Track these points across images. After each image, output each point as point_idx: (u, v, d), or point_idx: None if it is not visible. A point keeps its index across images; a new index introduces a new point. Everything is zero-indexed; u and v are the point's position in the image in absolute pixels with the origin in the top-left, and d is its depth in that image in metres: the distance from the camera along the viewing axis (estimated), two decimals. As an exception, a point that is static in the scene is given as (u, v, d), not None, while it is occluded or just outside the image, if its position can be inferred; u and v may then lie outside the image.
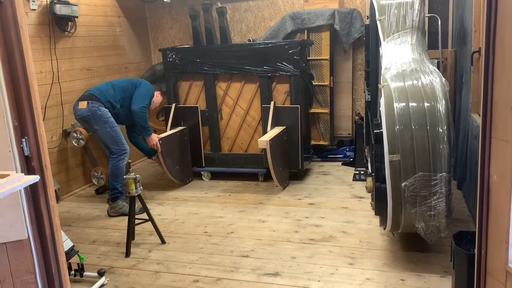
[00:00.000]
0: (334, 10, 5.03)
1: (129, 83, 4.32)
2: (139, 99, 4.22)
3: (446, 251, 3.01)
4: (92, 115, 4.01)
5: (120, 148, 4.11)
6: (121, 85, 4.27)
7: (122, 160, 4.10)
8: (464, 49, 4.01)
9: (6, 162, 1.91)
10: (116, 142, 4.09)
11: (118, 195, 4.12)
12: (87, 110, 4.01)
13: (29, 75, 1.95)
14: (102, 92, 4.14)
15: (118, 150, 4.09)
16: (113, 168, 4.09)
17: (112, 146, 4.09)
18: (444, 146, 2.59)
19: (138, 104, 4.20)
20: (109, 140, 4.08)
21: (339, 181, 4.71)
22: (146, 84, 4.36)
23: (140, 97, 4.24)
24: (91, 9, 5.10)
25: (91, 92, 4.15)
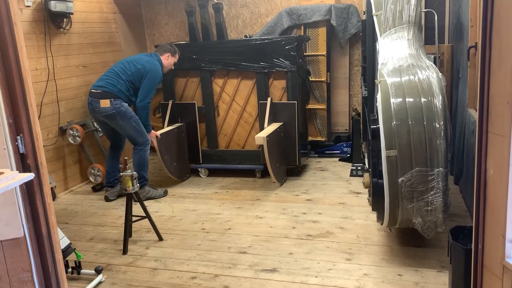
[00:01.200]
0: (331, 5, 5.02)
1: (137, 74, 4.22)
2: (143, 94, 4.21)
3: (443, 246, 3.02)
4: (117, 112, 4.10)
5: (144, 139, 4.28)
6: (130, 78, 4.20)
7: (147, 150, 4.31)
8: (460, 44, 4.01)
9: (1, 160, 1.89)
10: (141, 134, 4.25)
11: (145, 183, 4.36)
12: (111, 108, 4.08)
13: (23, 72, 1.94)
14: (119, 89, 4.13)
15: (143, 141, 4.27)
16: (139, 159, 4.28)
17: (137, 139, 4.26)
18: (441, 141, 2.59)
19: (143, 100, 4.22)
20: (134, 133, 4.23)
21: (336, 177, 4.71)
22: (152, 75, 4.24)
23: (145, 91, 4.21)
24: (86, 5, 5.07)
25: (108, 90, 4.12)
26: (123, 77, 4.18)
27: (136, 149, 4.29)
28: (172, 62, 4.49)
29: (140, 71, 4.22)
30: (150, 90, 4.24)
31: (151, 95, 4.27)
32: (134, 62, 4.27)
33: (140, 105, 4.21)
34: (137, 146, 4.29)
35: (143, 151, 4.29)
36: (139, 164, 4.30)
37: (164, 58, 4.41)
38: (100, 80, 4.23)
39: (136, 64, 4.24)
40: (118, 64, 4.30)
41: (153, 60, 4.32)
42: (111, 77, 4.19)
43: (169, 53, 4.44)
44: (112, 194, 4.46)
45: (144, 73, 4.22)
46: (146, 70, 4.23)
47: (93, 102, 4.14)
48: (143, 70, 4.23)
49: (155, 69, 4.26)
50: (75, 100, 4.91)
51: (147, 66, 4.23)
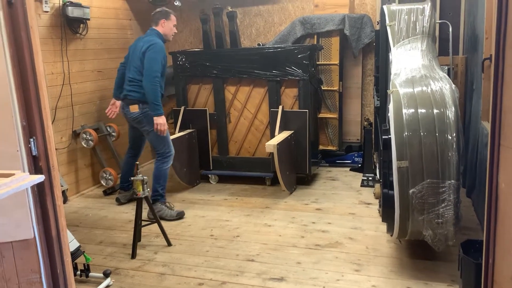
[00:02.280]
0: (344, 15, 5.02)
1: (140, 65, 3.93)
2: (148, 69, 3.84)
3: (454, 260, 2.97)
4: (144, 116, 3.99)
5: (166, 150, 4.06)
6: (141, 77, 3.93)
7: (167, 163, 4.07)
8: (475, 56, 3.98)
9: (14, 162, 1.92)
10: (164, 143, 4.05)
11: (158, 198, 4.06)
12: (139, 113, 3.99)
13: (38, 75, 1.97)
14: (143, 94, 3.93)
15: (163, 152, 4.05)
16: (157, 170, 4.05)
17: (158, 147, 4.06)
18: (453, 153, 2.56)
19: (149, 74, 3.84)
20: (156, 141, 4.04)
21: (346, 187, 4.68)
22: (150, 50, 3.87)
23: (146, 67, 3.86)
24: (102, 11, 5.15)
25: (135, 97, 3.98)
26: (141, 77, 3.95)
27: (157, 160, 4.10)
28: (172, 26, 4.12)
29: (142, 59, 3.93)
30: (151, 66, 3.84)
31: (155, 68, 3.85)
32: (138, 54, 3.95)
33: (146, 84, 3.84)
34: (158, 156, 4.08)
35: (161, 163, 4.05)
36: (155, 175, 4.06)
37: (160, 26, 4.05)
38: (127, 85, 4.06)
39: (141, 56, 3.93)
40: (130, 66, 4.05)
41: (149, 37, 3.99)
42: (134, 80, 3.99)
43: (163, 18, 4.07)
44: (124, 197, 4.45)
45: (142, 57, 3.93)
46: (142, 52, 3.92)
47: (124, 106, 4.08)
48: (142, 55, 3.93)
49: (153, 45, 3.90)
50: (89, 104, 4.98)
51: (145, 46, 3.92)
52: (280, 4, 5.70)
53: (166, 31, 4.09)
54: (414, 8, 3.48)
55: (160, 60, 3.90)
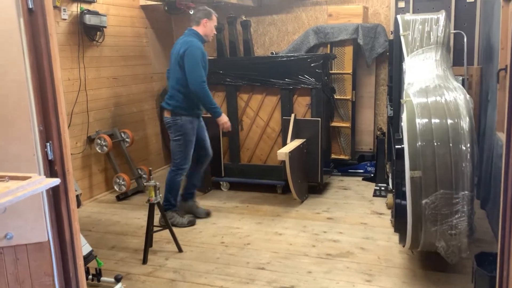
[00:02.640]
0: (358, 25, 5.03)
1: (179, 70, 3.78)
2: (191, 74, 3.69)
3: (468, 272, 2.93)
4: (173, 124, 3.87)
5: (182, 162, 3.91)
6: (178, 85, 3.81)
7: (180, 175, 3.97)
8: (490, 67, 3.94)
9: (30, 165, 1.96)
10: (181, 156, 3.90)
11: (169, 207, 4.01)
12: (170, 119, 3.88)
13: (56, 81, 2.02)
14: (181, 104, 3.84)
15: (179, 163, 3.92)
16: (169, 181, 3.98)
17: (175, 158, 3.93)
18: (467, 164, 2.54)
19: (193, 80, 3.70)
20: (175, 152, 3.92)
21: (359, 197, 4.65)
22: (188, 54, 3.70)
23: (188, 72, 3.71)
24: (119, 19, 5.24)
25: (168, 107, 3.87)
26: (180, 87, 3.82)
27: (171, 170, 3.99)
28: (213, 26, 3.92)
29: (180, 64, 3.76)
30: (194, 70, 3.69)
31: (198, 73, 3.70)
32: (176, 57, 3.79)
33: (194, 88, 3.70)
34: (173, 166, 3.97)
35: (175, 174, 3.94)
36: (168, 185, 3.99)
37: (202, 26, 3.85)
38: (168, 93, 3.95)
39: (179, 59, 3.76)
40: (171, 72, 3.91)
41: (187, 38, 3.82)
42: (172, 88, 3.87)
43: (205, 18, 3.85)
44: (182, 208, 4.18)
45: (181, 61, 3.76)
46: (180, 54, 3.75)
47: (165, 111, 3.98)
48: (177, 57, 3.77)
49: (189, 47, 3.72)
50: (104, 110, 5.04)
51: (182, 49, 3.76)
52: (293, 14, 5.73)
53: (207, 32, 3.90)
54: (428, 18, 3.47)
55: (200, 61, 3.73)
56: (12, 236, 2.00)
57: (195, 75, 3.70)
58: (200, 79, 3.71)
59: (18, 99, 1.93)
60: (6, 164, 1.94)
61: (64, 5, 4.44)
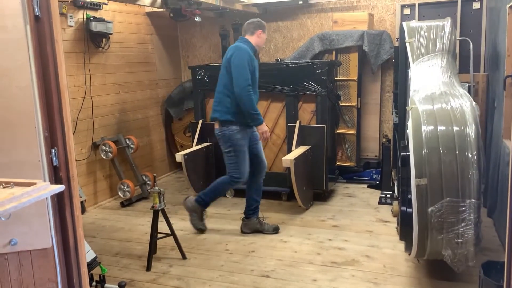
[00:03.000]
0: (363, 31, 5.03)
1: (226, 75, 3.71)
2: (237, 76, 3.60)
3: (474, 281, 2.89)
4: (222, 135, 3.79)
5: (235, 175, 3.81)
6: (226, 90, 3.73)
7: (231, 184, 3.89)
8: (496, 74, 3.93)
9: (35, 171, 1.96)
10: (235, 168, 3.80)
11: (200, 203, 3.95)
12: (218, 130, 3.80)
13: (61, 87, 2.02)
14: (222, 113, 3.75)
15: (233, 177, 3.82)
16: (219, 186, 3.90)
17: (230, 170, 3.84)
18: (474, 172, 2.52)
19: (239, 82, 3.59)
20: (227, 164, 3.86)
21: (364, 204, 4.62)
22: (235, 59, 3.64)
23: (237, 72, 3.61)
24: (125, 26, 5.27)
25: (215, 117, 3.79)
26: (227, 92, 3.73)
27: (226, 176, 3.87)
28: (264, 39, 3.89)
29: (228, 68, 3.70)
30: (240, 73, 3.60)
31: (244, 76, 3.59)
32: (224, 63, 3.74)
33: (237, 92, 3.60)
34: (228, 174, 3.87)
35: (227, 181, 3.85)
36: (214, 188, 3.91)
37: (256, 36, 3.80)
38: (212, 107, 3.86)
39: (226, 64, 3.71)
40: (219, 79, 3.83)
41: (237, 46, 3.76)
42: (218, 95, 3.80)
43: (260, 29, 3.82)
44: (245, 226, 4.01)
45: (228, 66, 3.70)
46: (227, 59, 3.71)
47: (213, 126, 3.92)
48: (226, 63, 3.72)
49: (237, 50, 3.68)
50: (109, 116, 5.06)
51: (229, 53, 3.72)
52: (299, 20, 5.74)
53: (259, 43, 3.86)
54: (434, 25, 3.47)
55: (247, 66, 3.63)
56: (17, 242, 2.00)
57: (241, 78, 3.60)
58: (245, 82, 3.60)
59: (23, 105, 1.93)
60: (11, 170, 1.94)
61: (71, 12, 4.47)
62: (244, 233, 3.97)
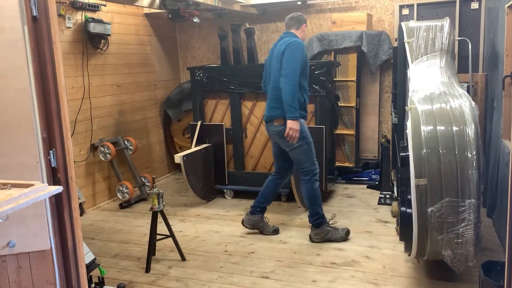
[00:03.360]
0: (362, 32, 5.03)
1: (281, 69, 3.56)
2: (287, 66, 3.50)
3: (474, 282, 2.89)
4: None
5: (312, 167, 3.68)
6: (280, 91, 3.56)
7: (316, 181, 3.71)
8: (495, 73, 3.93)
9: (33, 173, 1.95)
10: (309, 160, 3.68)
11: (321, 220, 3.71)
12: (281, 126, 3.61)
13: (59, 89, 2.01)
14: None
15: (310, 170, 3.68)
16: (309, 192, 3.70)
17: (304, 165, 3.68)
18: (473, 172, 2.51)
19: (287, 72, 3.48)
20: (302, 157, 3.67)
21: (363, 205, 4.62)
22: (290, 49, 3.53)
23: (288, 62, 3.50)
24: (123, 27, 5.27)
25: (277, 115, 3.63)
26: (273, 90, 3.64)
27: (304, 180, 3.71)
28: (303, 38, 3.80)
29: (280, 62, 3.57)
30: (290, 64, 3.49)
31: (293, 67, 3.48)
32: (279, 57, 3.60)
33: (283, 81, 3.49)
34: (305, 175, 3.70)
35: (311, 183, 3.68)
36: (309, 197, 3.70)
37: (301, 30, 3.75)
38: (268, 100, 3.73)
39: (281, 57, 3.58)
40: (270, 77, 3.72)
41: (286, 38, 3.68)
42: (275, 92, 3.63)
43: (304, 23, 3.79)
44: (248, 221, 3.94)
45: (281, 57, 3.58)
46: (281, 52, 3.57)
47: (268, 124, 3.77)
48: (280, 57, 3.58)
49: (292, 42, 3.58)
50: (108, 118, 5.05)
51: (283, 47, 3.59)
52: (297, 21, 5.73)
53: (303, 36, 3.79)
54: (432, 25, 3.47)
55: (299, 58, 3.53)
56: (15, 244, 1.99)
57: (290, 69, 3.48)
58: (293, 72, 3.47)
59: (21, 107, 1.93)
60: (9, 171, 1.93)
61: (69, 13, 4.47)
62: (244, 227, 3.93)
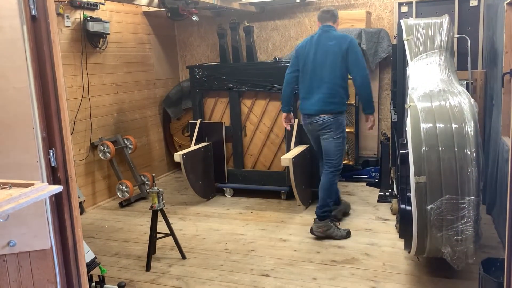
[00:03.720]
0: (361, 29, 5.03)
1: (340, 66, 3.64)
2: (360, 66, 3.61)
3: (474, 278, 2.89)
4: (335, 121, 3.69)
5: (339, 162, 3.76)
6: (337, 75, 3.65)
7: (337, 177, 3.79)
8: (494, 71, 3.93)
9: (33, 172, 1.96)
10: (340, 155, 3.75)
11: (328, 214, 3.74)
12: (331, 117, 3.68)
13: (59, 88, 2.01)
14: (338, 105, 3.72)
15: (337, 164, 3.74)
16: (330, 184, 3.74)
17: (334, 158, 3.73)
18: (473, 169, 2.52)
19: (362, 72, 3.61)
20: (335, 150, 3.72)
21: (363, 202, 4.62)
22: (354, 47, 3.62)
23: (359, 62, 3.62)
24: (122, 26, 5.26)
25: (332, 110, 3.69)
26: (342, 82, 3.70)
27: (328, 171, 3.75)
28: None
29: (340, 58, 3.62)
30: (362, 62, 3.65)
31: (364, 65, 3.66)
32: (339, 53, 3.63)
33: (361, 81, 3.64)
34: (330, 167, 3.75)
35: (333, 175, 3.74)
36: (326, 188, 3.74)
37: (337, 24, 3.83)
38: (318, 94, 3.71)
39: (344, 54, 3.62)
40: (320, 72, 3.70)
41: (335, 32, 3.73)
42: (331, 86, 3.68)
43: (339, 18, 3.87)
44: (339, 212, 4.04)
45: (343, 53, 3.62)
46: (345, 49, 3.61)
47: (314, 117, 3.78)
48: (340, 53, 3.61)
49: (351, 40, 3.66)
50: (107, 117, 5.05)
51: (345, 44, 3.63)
52: (296, 19, 5.73)
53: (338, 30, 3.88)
54: (431, 23, 3.47)
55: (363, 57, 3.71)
56: (15, 244, 1.99)
57: (363, 66, 3.64)
58: (366, 70, 3.65)
59: (21, 106, 1.93)
60: (9, 171, 1.93)
61: (68, 12, 4.46)
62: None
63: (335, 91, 3.68)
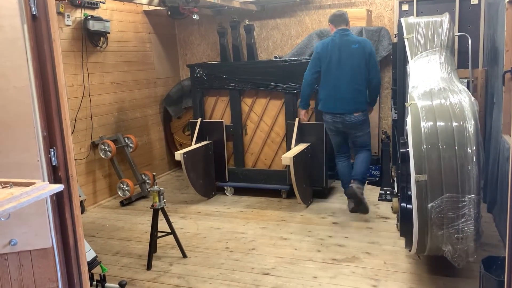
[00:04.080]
0: (362, 28, 5.02)
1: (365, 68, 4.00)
2: (377, 70, 4.11)
3: (475, 277, 2.90)
4: (366, 119, 4.18)
5: (370, 145, 4.35)
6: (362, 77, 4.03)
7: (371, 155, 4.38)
8: (495, 69, 3.92)
9: (34, 171, 1.96)
10: (369, 142, 4.32)
11: (366, 181, 4.32)
12: (363, 116, 4.12)
13: (59, 87, 2.02)
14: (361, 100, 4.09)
15: (370, 147, 4.33)
16: (369, 158, 4.27)
17: (367, 144, 4.29)
18: (473, 167, 2.52)
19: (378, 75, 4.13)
20: (366, 141, 4.26)
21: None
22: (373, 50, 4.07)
23: (376, 66, 4.11)
24: (122, 25, 5.26)
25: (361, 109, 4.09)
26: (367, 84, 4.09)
27: (368, 150, 4.29)
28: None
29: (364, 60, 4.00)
30: (377, 66, 4.16)
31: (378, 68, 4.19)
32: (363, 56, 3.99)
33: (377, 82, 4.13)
34: (366, 150, 4.29)
35: (370, 153, 4.32)
36: (367, 161, 4.24)
37: (349, 27, 4.15)
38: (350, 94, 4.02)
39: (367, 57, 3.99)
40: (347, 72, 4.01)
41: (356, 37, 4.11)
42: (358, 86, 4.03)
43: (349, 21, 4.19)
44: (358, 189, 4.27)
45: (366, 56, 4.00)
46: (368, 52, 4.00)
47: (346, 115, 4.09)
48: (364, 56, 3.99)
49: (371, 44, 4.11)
50: (108, 116, 5.05)
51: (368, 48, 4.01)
52: (297, 17, 5.73)
53: None
54: (432, 21, 3.46)
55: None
56: (16, 243, 2.00)
57: (379, 71, 4.17)
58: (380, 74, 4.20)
59: (21, 105, 1.93)
60: (10, 170, 1.93)
61: (68, 11, 4.46)
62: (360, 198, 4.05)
63: (362, 91, 4.07)
